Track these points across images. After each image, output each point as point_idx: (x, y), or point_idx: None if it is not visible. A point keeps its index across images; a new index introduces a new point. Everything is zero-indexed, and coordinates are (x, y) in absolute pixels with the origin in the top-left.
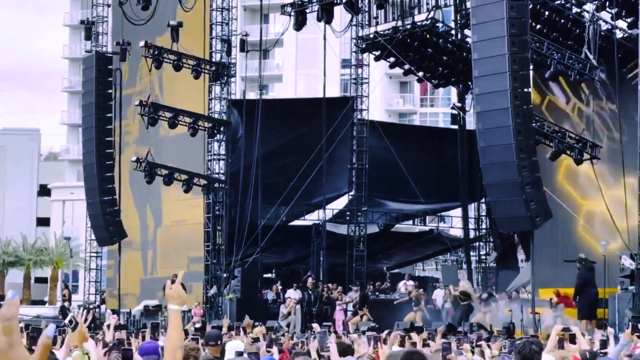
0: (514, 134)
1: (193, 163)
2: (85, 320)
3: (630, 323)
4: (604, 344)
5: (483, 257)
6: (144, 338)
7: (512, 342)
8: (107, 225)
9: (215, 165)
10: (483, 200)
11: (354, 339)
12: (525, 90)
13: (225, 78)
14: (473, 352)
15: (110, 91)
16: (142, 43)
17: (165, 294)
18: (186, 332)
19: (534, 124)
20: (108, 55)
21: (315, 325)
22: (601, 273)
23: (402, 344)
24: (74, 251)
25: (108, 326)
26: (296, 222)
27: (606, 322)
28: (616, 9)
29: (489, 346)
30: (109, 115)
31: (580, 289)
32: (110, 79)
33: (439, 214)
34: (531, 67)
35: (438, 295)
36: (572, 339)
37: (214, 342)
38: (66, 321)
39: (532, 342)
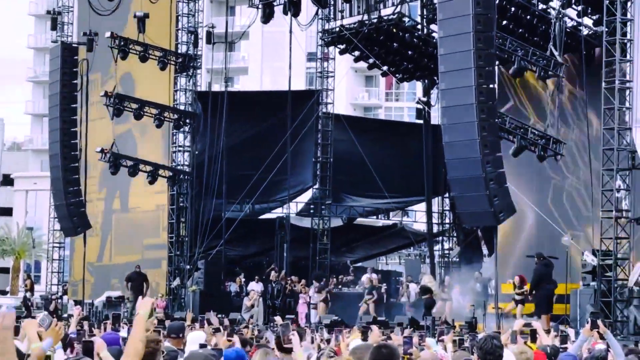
0: (478, 129)
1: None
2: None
3: (589, 319)
4: (564, 339)
5: (446, 251)
6: (106, 329)
7: (472, 336)
8: (72, 216)
9: (180, 157)
10: (447, 194)
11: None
12: (491, 86)
13: (192, 70)
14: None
15: (76, 82)
16: (107, 34)
17: (136, 304)
18: None
19: (496, 120)
20: (74, 45)
21: (277, 318)
22: (563, 268)
23: (364, 338)
24: (36, 241)
25: (70, 316)
26: (260, 215)
27: (567, 318)
28: (582, 6)
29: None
30: (74, 105)
31: (535, 285)
32: (76, 69)
33: (403, 209)
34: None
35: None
36: (534, 335)
37: (175, 334)
38: (38, 320)
39: (493, 337)
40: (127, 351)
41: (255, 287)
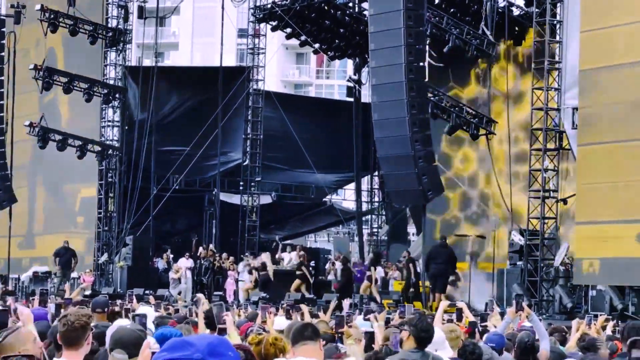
0: (407, 107)
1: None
2: None
3: (514, 300)
4: (484, 317)
5: (375, 230)
6: (33, 305)
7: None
8: None
9: (109, 132)
10: (376, 173)
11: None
12: (421, 64)
13: (122, 44)
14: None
15: (3, 54)
16: (37, 6)
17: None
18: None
19: (432, 98)
20: (1, 17)
21: (200, 296)
22: (490, 247)
23: (288, 316)
24: None
25: None
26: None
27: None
28: None
29: (375, 318)
30: (1, 78)
31: (425, 265)
32: (4, 41)
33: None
34: (428, 41)
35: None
36: (459, 314)
37: (100, 309)
38: None
39: (425, 315)
40: None
41: (185, 263)
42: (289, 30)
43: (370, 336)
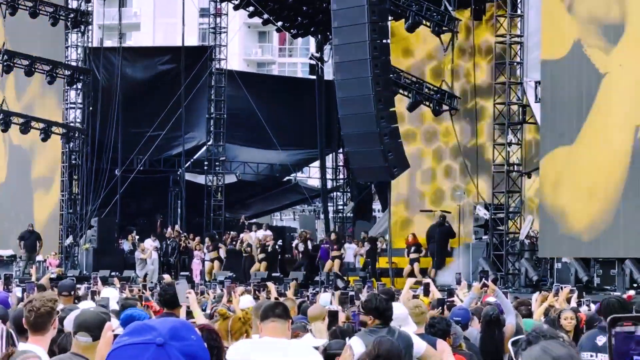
0: (372, 84)
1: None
2: None
3: (480, 277)
4: (451, 293)
5: (340, 207)
6: None
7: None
8: None
9: (72, 114)
10: (340, 150)
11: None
12: (384, 41)
13: (83, 26)
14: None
15: None
16: None
17: None
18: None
19: (391, 75)
20: None
21: (166, 277)
22: (455, 222)
23: (256, 296)
24: None
25: None
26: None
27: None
28: None
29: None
30: None
31: (427, 241)
32: None
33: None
34: (390, 18)
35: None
36: (426, 289)
37: (67, 292)
38: None
39: (378, 294)
40: None
41: (151, 244)
42: (251, 8)
43: (332, 314)
